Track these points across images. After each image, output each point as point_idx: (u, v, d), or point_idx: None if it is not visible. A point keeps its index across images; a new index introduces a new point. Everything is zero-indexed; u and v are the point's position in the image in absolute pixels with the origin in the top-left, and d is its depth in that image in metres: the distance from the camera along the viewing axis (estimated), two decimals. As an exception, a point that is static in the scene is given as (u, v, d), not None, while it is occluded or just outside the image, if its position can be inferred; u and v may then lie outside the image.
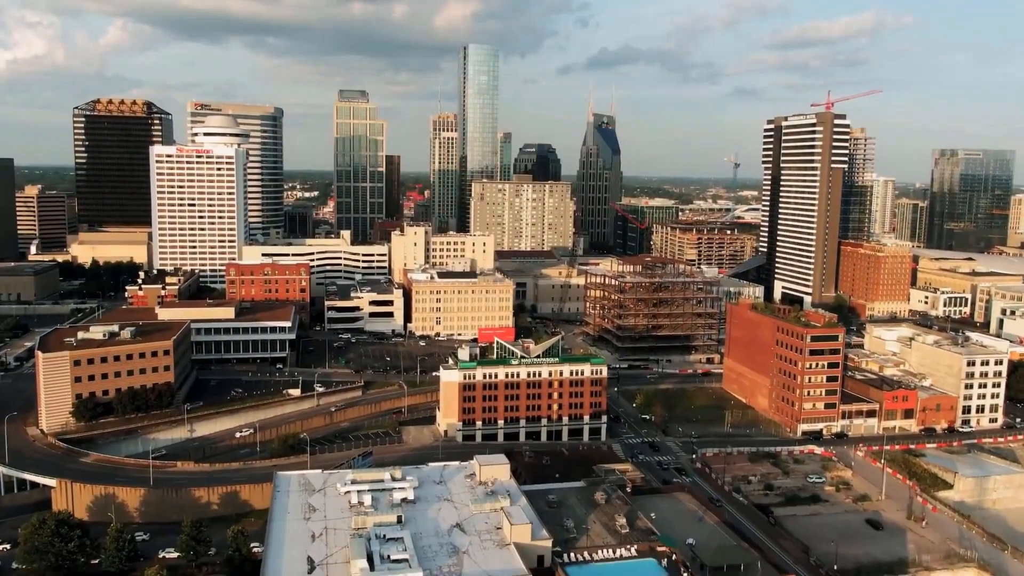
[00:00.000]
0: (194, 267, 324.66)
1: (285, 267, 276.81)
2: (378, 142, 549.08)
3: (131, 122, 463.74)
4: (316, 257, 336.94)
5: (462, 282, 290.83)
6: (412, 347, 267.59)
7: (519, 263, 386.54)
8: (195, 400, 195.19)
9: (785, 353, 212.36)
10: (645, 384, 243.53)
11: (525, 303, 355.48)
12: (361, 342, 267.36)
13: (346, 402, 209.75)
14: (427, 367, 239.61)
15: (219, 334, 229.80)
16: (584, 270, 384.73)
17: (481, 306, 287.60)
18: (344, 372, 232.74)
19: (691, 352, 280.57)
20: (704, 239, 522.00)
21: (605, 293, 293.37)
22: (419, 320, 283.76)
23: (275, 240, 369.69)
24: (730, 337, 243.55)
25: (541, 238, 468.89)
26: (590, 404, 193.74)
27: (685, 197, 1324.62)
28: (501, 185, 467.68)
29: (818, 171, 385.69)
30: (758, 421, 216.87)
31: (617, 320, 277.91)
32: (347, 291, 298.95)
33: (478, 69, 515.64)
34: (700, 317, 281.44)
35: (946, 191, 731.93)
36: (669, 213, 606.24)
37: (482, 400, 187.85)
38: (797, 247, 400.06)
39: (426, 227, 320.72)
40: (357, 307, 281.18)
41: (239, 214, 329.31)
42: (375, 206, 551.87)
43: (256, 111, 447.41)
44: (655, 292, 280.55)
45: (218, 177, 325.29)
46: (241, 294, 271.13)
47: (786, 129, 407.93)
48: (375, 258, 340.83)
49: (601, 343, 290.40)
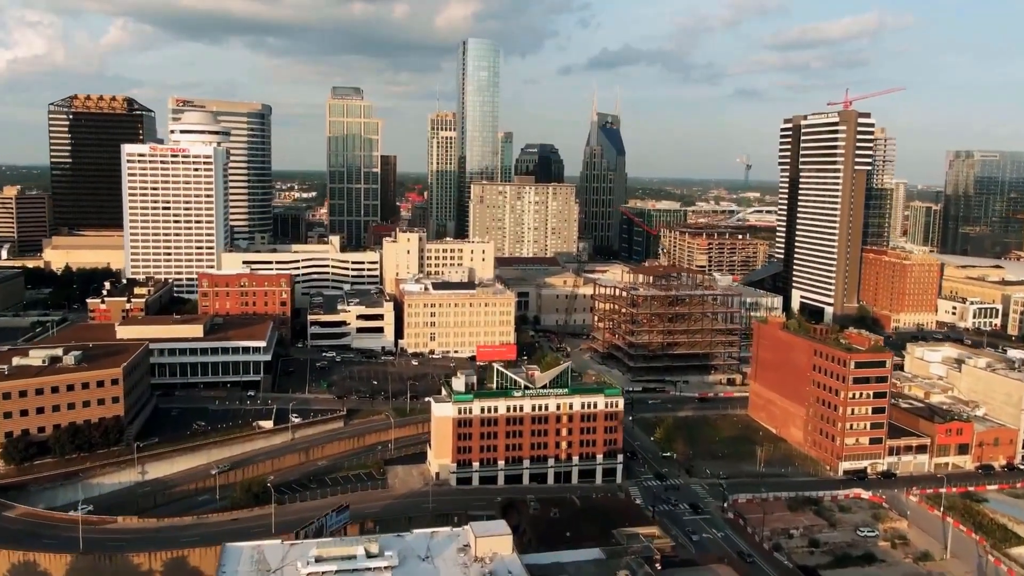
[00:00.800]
0: (168, 276, 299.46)
1: (264, 277, 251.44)
2: (373, 141, 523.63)
3: (111, 120, 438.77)
4: (302, 265, 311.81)
5: (459, 294, 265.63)
6: (403, 367, 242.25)
7: (521, 271, 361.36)
8: (150, 435, 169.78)
9: (824, 380, 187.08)
10: (662, 411, 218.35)
11: (527, 314, 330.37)
12: (347, 361, 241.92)
13: (326, 435, 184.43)
14: (419, 391, 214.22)
15: (185, 355, 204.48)
16: (591, 279, 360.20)
17: (480, 320, 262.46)
18: (325, 398, 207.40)
19: (710, 372, 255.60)
20: (715, 244, 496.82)
21: (615, 306, 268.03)
22: (411, 336, 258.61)
23: (259, 246, 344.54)
24: (757, 359, 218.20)
25: (544, 243, 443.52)
26: (604, 442, 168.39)
27: (687, 199, 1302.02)
28: (502, 187, 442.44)
29: (840, 173, 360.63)
30: (792, 457, 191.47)
31: (629, 337, 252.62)
32: (334, 303, 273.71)
33: (478, 65, 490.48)
34: (720, 334, 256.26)
35: (961, 194, 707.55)
36: (676, 216, 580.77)
37: (480, 438, 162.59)
38: (818, 254, 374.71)
39: (420, 233, 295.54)
40: (343, 322, 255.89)
41: (218, 218, 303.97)
42: (370, 208, 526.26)
43: (242, 108, 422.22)
44: (670, 306, 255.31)
45: (195, 178, 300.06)
46: (215, 307, 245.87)
47: (805, 129, 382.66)
48: (366, 266, 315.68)
49: (611, 361, 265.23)
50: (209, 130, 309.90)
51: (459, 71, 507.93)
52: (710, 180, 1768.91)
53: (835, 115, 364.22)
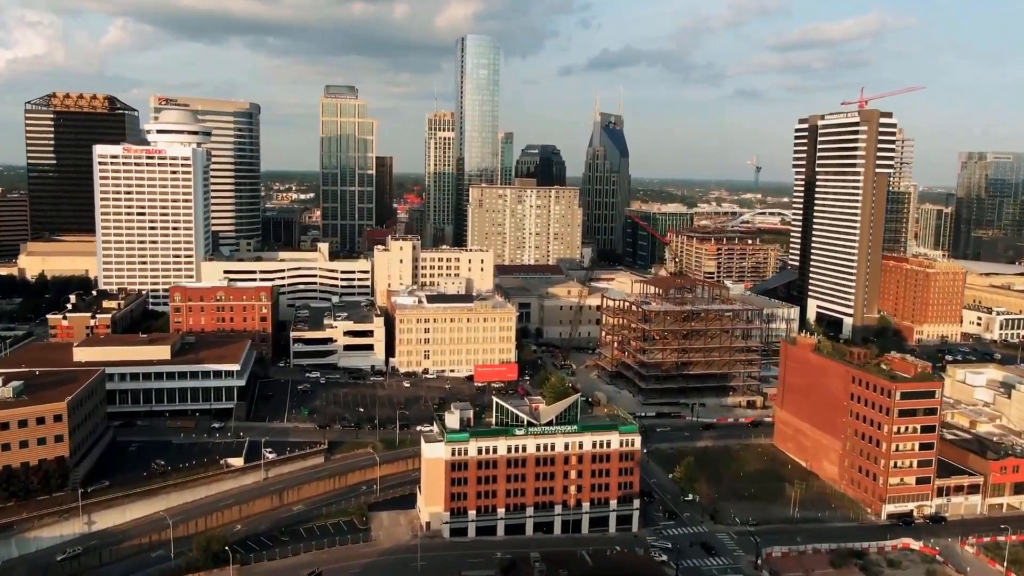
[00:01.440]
0: (144, 287, 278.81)
1: (242, 291, 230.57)
2: (368, 142, 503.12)
3: (93, 119, 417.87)
4: (287, 275, 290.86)
5: (455, 308, 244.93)
6: (394, 389, 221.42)
7: (522, 280, 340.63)
8: (102, 477, 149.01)
9: (864, 411, 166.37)
10: (679, 440, 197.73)
11: (529, 326, 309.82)
12: (332, 383, 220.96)
13: (303, 474, 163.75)
14: (409, 419, 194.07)
15: (150, 380, 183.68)
16: (597, 289, 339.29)
17: (478, 337, 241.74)
18: (306, 428, 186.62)
19: (728, 394, 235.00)
20: (724, 250, 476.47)
21: (625, 321, 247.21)
22: (404, 354, 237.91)
23: (243, 254, 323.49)
24: (784, 384, 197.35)
25: (546, 249, 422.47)
26: (619, 485, 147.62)
27: (689, 200, 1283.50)
28: (502, 190, 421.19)
29: (861, 176, 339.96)
30: (827, 496, 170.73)
31: (640, 355, 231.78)
32: (320, 317, 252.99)
33: (477, 63, 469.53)
34: (738, 352, 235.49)
35: (973, 196, 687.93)
36: (682, 220, 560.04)
37: (477, 483, 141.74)
38: (836, 262, 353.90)
39: (414, 241, 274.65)
40: (329, 339, 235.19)
41: (197, 224, 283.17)
42: (364, 212, 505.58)
43: (228, 107, 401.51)
44: (685, 321, 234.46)
45: (172, 181, 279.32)
46: (188, 324, 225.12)
47: (823, 129, 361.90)
48: (356, 276, 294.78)
49: (620, 380, 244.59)
50: (188, 130, 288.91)
51: (457, 69, 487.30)
52: (711, 181, 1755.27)
53: (855, 115, 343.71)
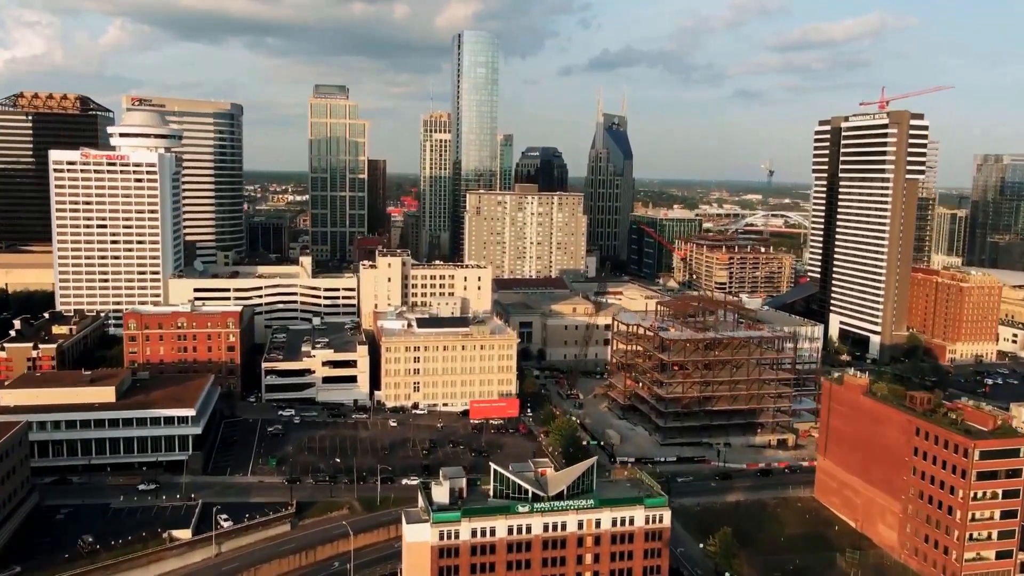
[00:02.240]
0: (105, 308, 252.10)
1: (207, 316, 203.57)
2: (359, 144, 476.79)
3: (64, 120, 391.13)
4: (265, 293, 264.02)
5: (449, 334, 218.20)
6: (378, 429, 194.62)
7: (523, 295, 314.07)
8: (18, 556, 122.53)
9: (932, 471, 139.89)
10: (706, 492, 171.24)
11: (531, 347, 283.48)
12: (307, 423, 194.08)
13: (264, 547, 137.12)
14: (395, 468, 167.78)
15: (89, 429, 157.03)
16: (603, 304, 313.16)
17: (475, 367, 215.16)
18: (272, 483, 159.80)
19: (756, 431, 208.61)
20: (736, 259, 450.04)
21: (639, 347, 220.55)
22: (390, 387, 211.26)
23: (219, 268, 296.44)
24: (828, 429, 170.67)
25: (548, 259, 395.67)
26: (644, 571, 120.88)
27: (690, 201, 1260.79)
28: (501, 197, 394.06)
29: (890, 182, 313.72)
30: (885, 568, 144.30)
31: (657, 388, 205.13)
32: (298, 342, 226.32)
33: (475, 60, 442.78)
34: (768, 384, 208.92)
35: (989, 200, 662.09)
36: (690, 226, 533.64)
37: (470, 573, 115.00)
38: (862, 274, 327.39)
39: (403, 257, 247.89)
40: (307, 370, 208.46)
41: (165, 237, 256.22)
42: (355, 218, 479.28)
43: (208, 107, 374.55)
44: (707, 350, 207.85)
45: (136, 190, 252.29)
46: (145, 355, 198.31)
47: (847, 131, 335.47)
48: (341, 293, 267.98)
49: (634, 415, 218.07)
50: (155, 133, 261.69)
51: (454, 67, 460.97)
52: (711, 181, 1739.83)
53: (883, 116, 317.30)
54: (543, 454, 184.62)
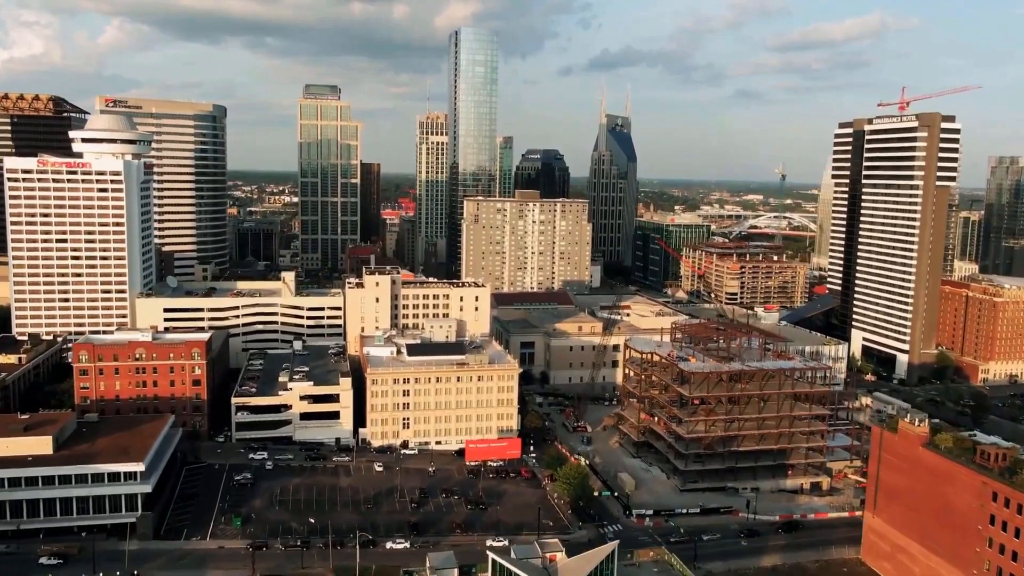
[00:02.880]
0: (67, 330, 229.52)
1: (169, 347, 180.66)
2: (352, 147, 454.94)
3: (35, 123, 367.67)
4: (243, 313, 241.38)
5: (443, 363, 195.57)
6: (362, 475, 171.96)
7: (524, 311, 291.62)
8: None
9: (1015, 545, 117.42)
10: (737, 554, 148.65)
11: (533, 370, 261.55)
12: (281, 469, 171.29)
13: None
14: (379, 526, 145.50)
15: (19, 488, 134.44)
16: (605, 318, 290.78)
17: (471, 400, 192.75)
18: (234, 548, 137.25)
19: (786, 473, 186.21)
20: (748, 268, 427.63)
21: (654, 377, 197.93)
22: (377, 424, 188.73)
23: (194, 284, 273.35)
24: (879, 483, 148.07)
25: (551, 270, 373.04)
26: None
27: (691, 202, 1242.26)
28: (500, 204, 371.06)
29: (920, 189, 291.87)
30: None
31: (675, 426, 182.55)
32: (276, 370, 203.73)
33: (472, 59, 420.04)
34: (801, 421, 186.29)
35: (1004, 203, 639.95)
36: (698, 233, 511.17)
37: None
38: (888, 287, 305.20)
39: (393, 275, 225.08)
40: (283, 406, 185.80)
41: (132, 253, 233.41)
42: (348, 225, 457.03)
43: (188, 109, 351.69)
44: (732, 382, 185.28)
45: (100, 201, 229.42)
46: (99, 391, 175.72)
47: (872, 135, 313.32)
48: (326, 313, 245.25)
49: (649, 452, 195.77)
50: (122, 138, 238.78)
51: (451, 66, 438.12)
52: (711, 181, 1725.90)
53: (912, 118, 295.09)
54: (549, 504, 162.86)
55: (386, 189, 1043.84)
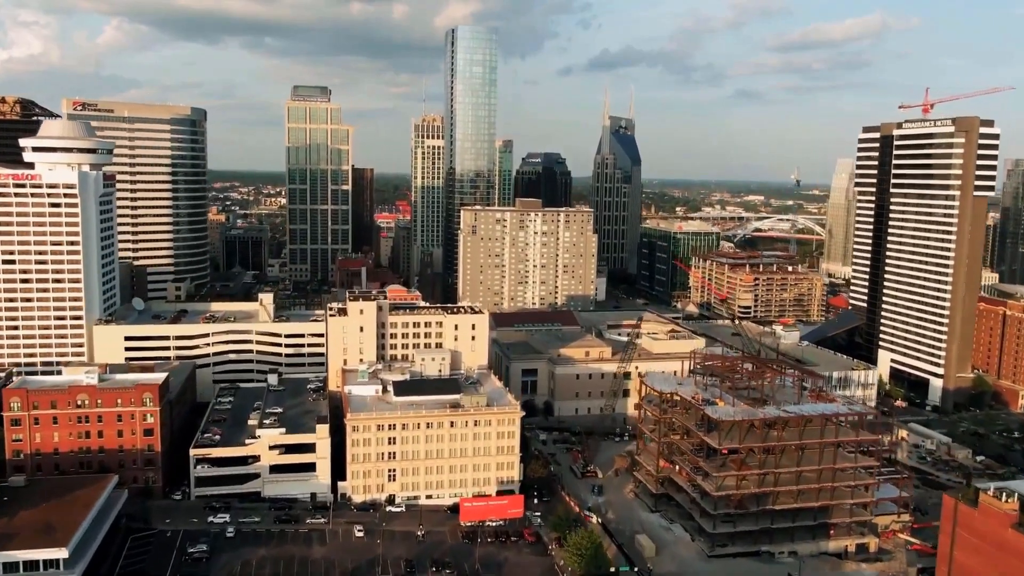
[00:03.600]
0: (16, 360, 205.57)
1: (116, 391, 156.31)
2: (342, 152, 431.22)
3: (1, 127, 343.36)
4: (214, 341, 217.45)
5: (435, 404, 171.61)
6: (339, 544, 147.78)
7: (526, 333, 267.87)
8: None
9: None
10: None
11: (535, 400, 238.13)
12: (246, 536, 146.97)
13: None
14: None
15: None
16: (614, 339, 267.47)
17: (467, 448, 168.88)
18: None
19: (828, 533, 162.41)
20: (762, 280, 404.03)
21: (675, 419, 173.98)
22: (359, 476, 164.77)
23: (162, 308, 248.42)
24: (954, 563, 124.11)
25: (554, 285, 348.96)
26: None
27: (692, 203, 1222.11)
28: (500, 214, 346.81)
29: (956, 200, 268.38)
30: None
31: (702, 480, 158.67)
32: (245, 411, 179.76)
33: (470, 59, 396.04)
34: (846, 474, 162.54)
35: (1021, 207, 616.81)
36: (707, 241, 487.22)
37: None
38: (920, 305, 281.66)
39: (379, 300, 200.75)
40: (250, 457, 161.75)
41: (88, 274, 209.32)
42: (339, 234, 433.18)
43: (164, 112, 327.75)
44: (767, 429, 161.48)
45: (52, 217, 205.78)
46: (34, 443, 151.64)
47: (901, 140, 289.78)
48: (306, 340, 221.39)
49: (669, 506, 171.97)
50: (78, 146, 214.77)
51: (447, 67, 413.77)
52: (711, 181, 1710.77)
53: (948, 123, 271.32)
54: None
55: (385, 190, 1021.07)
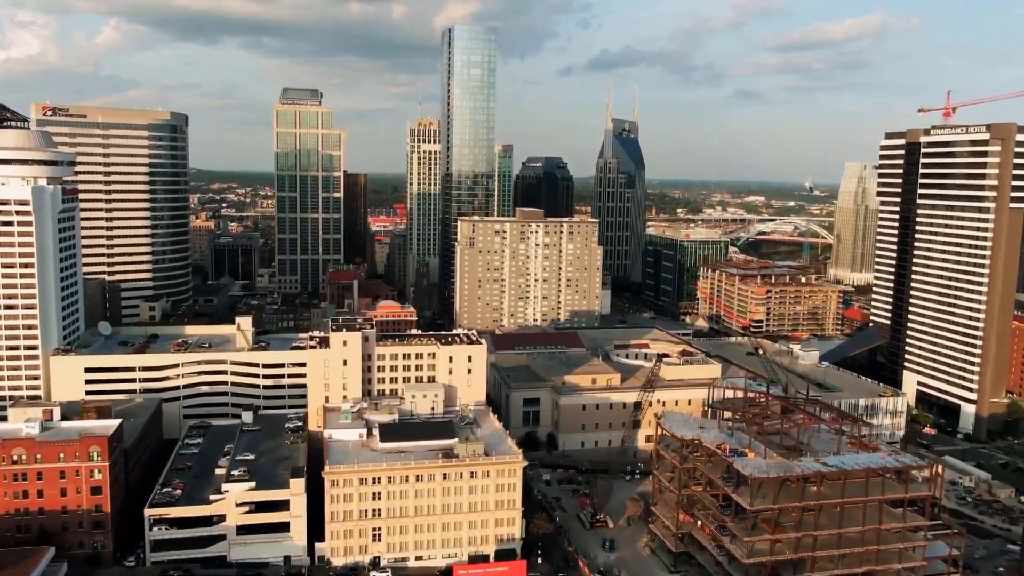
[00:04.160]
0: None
1: (57, 445, 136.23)
2: (334, 157, 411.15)
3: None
4: (184, 373, 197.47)
5: (426, 452, 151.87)
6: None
7: (527, 356, 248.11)
8: None
9: None
10: None
11: (538, 432, 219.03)
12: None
13: None
14: None
15: None
16: (623, 363, 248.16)
17: (462, 503, 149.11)
18: None
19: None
20: (775, 292, 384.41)
21: (696, 469, 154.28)
22: (339, 536, 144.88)
23: (133, 331, 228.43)
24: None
25: (557, 300, 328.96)
26: None
27: (692, 204, 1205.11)
28: (499, 225, 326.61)
29: (991, 212, 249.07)
30: None
31: (729, 543, 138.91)
32: (213, 458, 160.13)
33: (468, 60, 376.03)
34: (894, 536, 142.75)
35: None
36: (716, 249, 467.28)
37: None
38: (951, 324, 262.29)
39: (365, 330, 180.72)
40: (216, 516, 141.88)
41: (44, 299, 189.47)
42: (330, 244, 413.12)
43: (141, 118, 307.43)
44: (803, 484, 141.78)
45: (3, 237, 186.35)
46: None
47: (929, 148, 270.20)
48: (287, 371, 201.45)
49: (691, 567, 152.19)
50: (34, 158, 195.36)
51: (444, 68, 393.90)
52: (710, 182, 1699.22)
53: (983, 130, 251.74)
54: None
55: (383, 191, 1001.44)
